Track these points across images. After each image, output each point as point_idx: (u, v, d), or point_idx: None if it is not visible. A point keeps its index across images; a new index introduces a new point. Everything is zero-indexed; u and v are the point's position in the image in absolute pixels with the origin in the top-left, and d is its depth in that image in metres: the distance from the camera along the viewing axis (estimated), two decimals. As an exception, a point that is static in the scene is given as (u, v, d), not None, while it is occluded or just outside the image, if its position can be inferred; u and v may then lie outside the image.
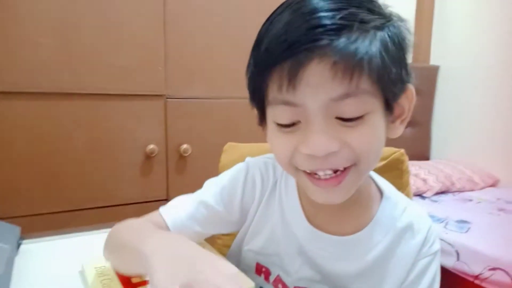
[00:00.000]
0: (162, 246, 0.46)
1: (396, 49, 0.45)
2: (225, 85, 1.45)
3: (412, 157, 1.54)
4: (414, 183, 1.90)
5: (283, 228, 0.60)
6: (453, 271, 1.38)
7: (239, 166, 0.64)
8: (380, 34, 0.44)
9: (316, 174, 0.48)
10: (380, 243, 0.56)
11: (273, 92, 0.46)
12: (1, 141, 1.14)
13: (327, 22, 0.41)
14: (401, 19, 0.47)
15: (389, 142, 0.84)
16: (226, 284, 0.38)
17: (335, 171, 0.47)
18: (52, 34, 1.17)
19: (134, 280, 0.56)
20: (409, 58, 0.49)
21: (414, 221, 0.57)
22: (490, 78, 2.17)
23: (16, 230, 0.72)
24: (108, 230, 0.69)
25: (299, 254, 0.59)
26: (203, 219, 0.61)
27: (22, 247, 0.69)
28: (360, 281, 0.56)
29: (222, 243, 0.91)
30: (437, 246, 0.57)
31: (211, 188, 0.63)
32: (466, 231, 1.46)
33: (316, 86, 0.43)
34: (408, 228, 0.57)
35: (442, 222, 1.56)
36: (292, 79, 0.43)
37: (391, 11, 0.47)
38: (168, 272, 0.40)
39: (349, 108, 0.44)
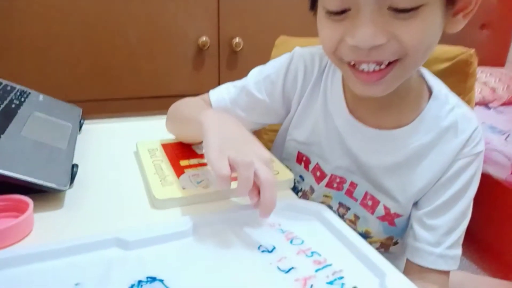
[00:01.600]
0: (216, 121, 0.52)
1: None
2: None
3: (484, 62, 1.40)
4: (481, 92, 1.76)
5: (325, 119, 0.61)
6: (505, 183, 1.33)
7: (285, 55, 0.65)
8: None
9: (359, 66, 0.48)
10: (420, 140, 0.56)
11: None
12: (64, 35, 1.20)
13: None
14: None
15: (460, 43, 0.76)
16: (262, 165, 0.44)
17: (379, 64, 0.47)
18: None
19: (182, 163, 0.60)
20: None
21: (459, 121, 0.56)
22: None
23: (78, 111, 0.78)
24: (162, 116, 0.73)
25: (339, 144, 0.60)
26: (244, 105, 0.66)
27: (84, 126, 0.75)
28: (392, 175, 0.58)
29: (268, 139, 0.93)
30: (480, 147, 0.56)
31: (255, 76, 0.65)
32: (529, 146, 1.37)
33: None
34: (452, 127, 0.55)
35: (503, 134, 1.47)
36: None
37: None
38: (219, 149, 0.45)
39: None
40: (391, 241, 0.63)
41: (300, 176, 0.67)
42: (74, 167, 0.55)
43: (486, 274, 1.39)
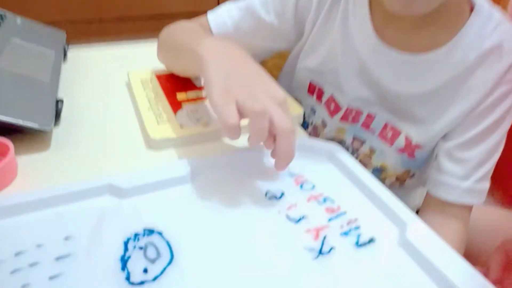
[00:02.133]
0: (217, 53, 0.43)
1: None
2: None
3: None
4: None
5: (345, 42, 0.55)
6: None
7: None
8: None
9: None
10: (457, 64, 0.49)
11: None
12: None
13: None
14: None
15: None
16: (277, 109, 0.36)
17: None
18: None
19: (179, 97, 0.54)
20: None
21: (505, 40, 0.48)
22: None
23: (61, 35, 0.70)
24: (156, 40, 0.65)
25: (359, 72, 0.54)
26: (249, 30, 0.58)
27: (69, 54, 0.67)
28: (422, 104, 0.52)
29: (273, 64, 0.86)
30: None
31: None
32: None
33: None
34: (496, 49, 0.48)
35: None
36: None
37: None
38: (224, 89, 0.38)
39: None
40: (408, 175, 0.60)
41: (311, 109, 0.62)
42: (59, 103, 0.50)
43: (497, 205, 1.40)
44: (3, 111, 0.42)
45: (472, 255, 0.47)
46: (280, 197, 0.39)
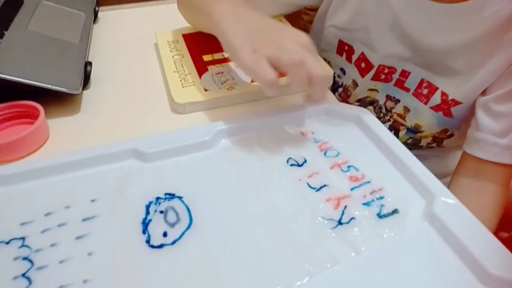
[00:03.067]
0: (231, 16, 0.42)
1: None
2: None
3: None
4: None
5: None
6: None
7: None
8: None
9: None
10: (494, 15, 0.45)
11: None
12: None
13: None
14: None
15: None
16: (309, 56, 0.36)
17: None
18: None
19: (205, 58, 0.53)
20: None
21: None
22: None
23: (92, -4, 0.70)
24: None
25: (391, 27, 0.52)
26: None
27: (99, 15, 0.67)
28: (459, 57, 0.49)
29: (308, 19, 0.81)
30: None
31: None
32: None
33: None
34: None
35: None
36: None
37: None
38: (249, 50, 0.38)
39: None
40: (445, 134, 0.56)
41: (341, 69, 0.59)
42: (88, 65, 0.50)
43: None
44: (33, 76, 0.43)
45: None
46: (302, 164, 0.38)
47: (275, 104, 0.47)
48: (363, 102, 0.59)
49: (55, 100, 0.46)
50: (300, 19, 0.82)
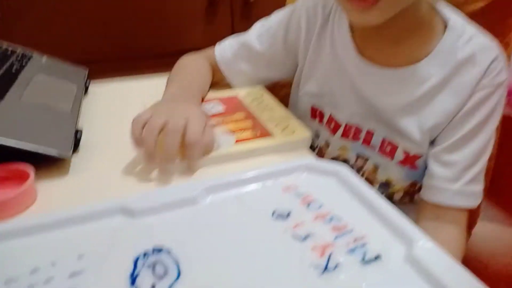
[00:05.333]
0: (170, 98, 0.56)
1: None
2: None
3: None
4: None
5: (335, 65, 0.60)
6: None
7: (287, 7, 0.65)
8: None
9: None
10: (435, 76, 0.53)
11: None
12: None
13: None
14: None
15: None
16: (193, 124, 0.47)
17: None
18: None
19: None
20: None
21: (477, 51, 0.52)
22: None
23: (84, 72, 0.74)
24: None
25: (351, 91, 0.58)
26: (247, 59, 0.66)
27: (90, 88, 0.72)
28: (408, 114, 0.55)
29: (285, 93, 0.88)
30: (501, 77, 0.52)
31: (258, 30, 0.65)
32: None
33: None
34: (469, 59, 0.52)
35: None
36: None
37: None
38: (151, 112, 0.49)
39: None
40: (415, 187, 0.61)
41: (316, 133, 0.64)
42: (78, 132, 0.52)
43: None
44: (26, 139, 0.45)
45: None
46: (287, 216, 0.39)
47: (260, 162, 0.49)
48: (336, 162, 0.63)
49: (46, 163, 0.47)
50: (278, 93, 0.89)
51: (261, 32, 0.65)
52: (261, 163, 0.49)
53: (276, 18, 0.65)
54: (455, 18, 0.54)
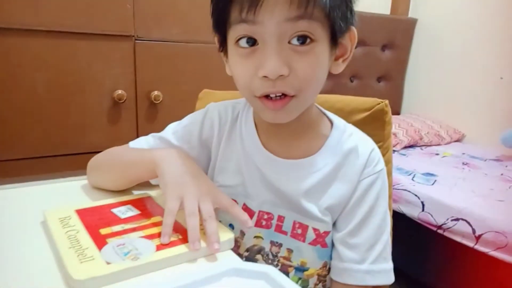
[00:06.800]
0: (169, 158, 0.59)
1: None
2: (200, 27, 1.36)
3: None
4: (385, 137, 1.93)
5: (245, 158, 0.66)
6: (418, 221, 1.43)
7: (201, 110, 0.71)
8: None
9: (268, 96, 0.55)
10: (327, 165, 0.62)
11: (235, 12, 0.52)
12: None
13: None
14: None
15: (361, 93, 0.82)
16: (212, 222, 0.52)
17: (284, 96, 0.54)
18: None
19: (103, 232, 0.52)
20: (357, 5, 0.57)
21: (358, 144, 0.63)
22: (465, 34, 2.17)
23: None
24: (75, 178, 0.65)
25: (260, 180, 0.64)
26: None
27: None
28: (310, 198, 0.62)
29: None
30: (380, 166, 0.63)
31: (174, 127, 0.70)
32: (432, 184, 1.51)
33: (275, 6, 0.49)
34: (353, 150, 0.62)
35: (409, 174, 1.61)
36: (254, 0, 0.49)
37: None
38: (177, 197, 0.53)
39: (301, 31, 0.51)
40: (326, 269, 0.64)
41: (230, 225, 0.65)
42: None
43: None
44: None
45: None
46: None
47: (185, 269, 0.47)
48: (252, 251, 0.65)
49: None
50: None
51: (176, 129, 0.69)
52: (187, 270, 0.47)
53: (191, 118, 0.71)
54: (338, 119, 0.66)
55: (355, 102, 0.80)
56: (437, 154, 1.93)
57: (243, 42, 0.54)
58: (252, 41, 0.53)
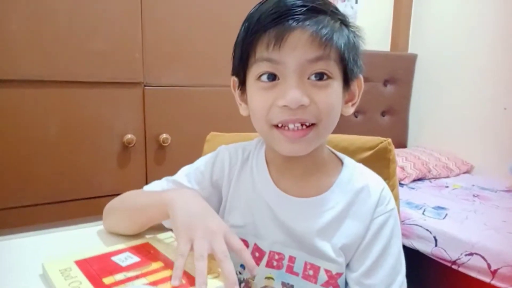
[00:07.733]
0: (180, 199, 0.58)
1: (354, 42, 0.59)
2: (205, 72, 1.41)
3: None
4: (393, 171, 1.93)
5: (255, 198, 0.66)
6: (431, 256, 1.40)
7: (211, 153, 0.73)
8: (345, 26, 0.58)
9: (286, 126, 0.57)
10: (339, 203, 0.62)
11: (260, 51, 0.56)
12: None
13: (309, 4, 0.55)
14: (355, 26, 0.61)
15: (370, 132, 0.84)
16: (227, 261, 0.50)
17: (302, 125, 0.56)
18: (24, 19, 1.10)
19: (106, 281, 0.51)
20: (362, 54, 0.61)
21: (369, 183, 0.64)
22: (466, 66, 2.21)
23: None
24: (84, 224, 0.65)
25: (272, 219, 0.64)
26: None
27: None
28: (323, 237, 0.61)
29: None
30: (392, 205, 0.63)
31: (186, 170, 0.72)
32: (444, 218, 1.50)
33: (296, 47, 0.54)
34: (364, 189, 0.63)
35: (420, 208, 1.59)
36: (278, 40, 0.54)
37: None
38: (188, 239, 0.52)
39: (320, 69, 0.55)
40: None
41: (241, 266, 0.65)
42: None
43: None
44: None
45: None
46: None
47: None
48: None
49: None
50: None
51: (189, 172, 0.70)
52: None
53: (202, 160, 0.72)
54: (348, 159, 0.67)
55: (358, 141, 0.82)
56: (447, 187, 1.91)
57: (264, 77, 0.57)
58: (272, 77, 0.57)
